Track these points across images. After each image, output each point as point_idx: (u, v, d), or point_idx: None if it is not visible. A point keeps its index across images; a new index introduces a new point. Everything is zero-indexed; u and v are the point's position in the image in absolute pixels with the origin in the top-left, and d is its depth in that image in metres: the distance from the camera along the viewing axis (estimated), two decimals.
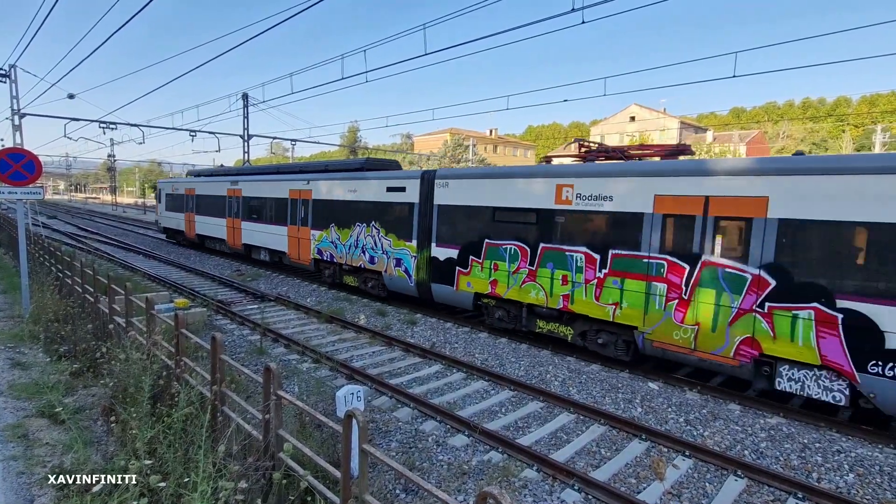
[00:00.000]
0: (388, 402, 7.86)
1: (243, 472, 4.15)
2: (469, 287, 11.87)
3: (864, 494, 5.65)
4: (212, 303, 13.41)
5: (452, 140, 67.43)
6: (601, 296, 9.52)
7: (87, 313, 10.36)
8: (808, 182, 7.26)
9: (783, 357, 7.53)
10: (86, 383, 7.78)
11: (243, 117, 32.94)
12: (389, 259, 13.96)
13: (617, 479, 5.91)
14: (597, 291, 9.58)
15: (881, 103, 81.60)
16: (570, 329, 10.35)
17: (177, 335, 6.21)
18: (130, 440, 4.88)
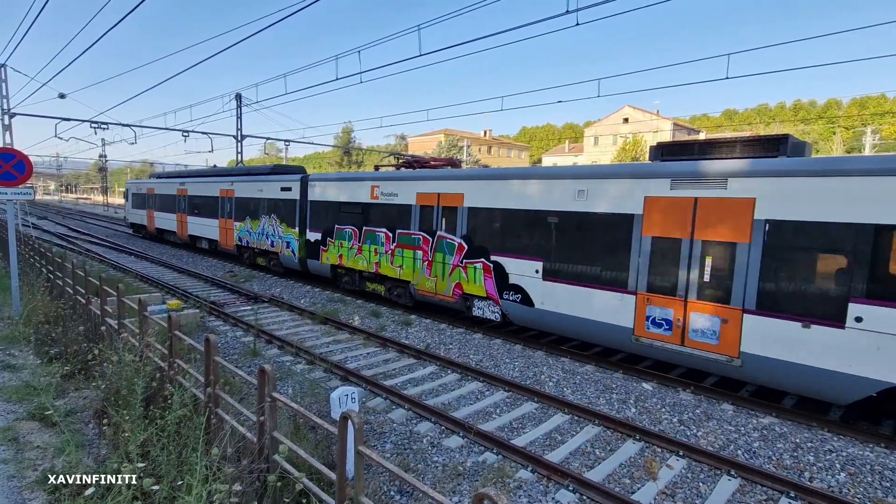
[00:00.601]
0: (382, 403, 7.84)
1: (238, 474, 4.13)
2: (327, 260, 16.07)
3: (856, 493, 5.70)
4: (205, 304, 13.33)
5: (447, 141, 67.52)
6: (393, 261, 13.75)
7: (79, 315, 10.27)
8: (481, 184, 11.77)
9: (473, 294, 11.87)
10: (77, 386, 7.71)
11: (236, 118, 32.79)
12: (283, 242, 18.08)
13: (611, 479, 5.92)
14: (391, 259, 13.79)
15: (871, 105, 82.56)
16: (382, 286, 14.54)
17: (170, 337, 6.17)
18: (123, 443, 4.84)
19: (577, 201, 9.86)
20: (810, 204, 7.27)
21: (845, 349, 6.99)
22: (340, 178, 16.37)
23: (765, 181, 7.73)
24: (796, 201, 7.38)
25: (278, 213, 18.19)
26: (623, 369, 9.51)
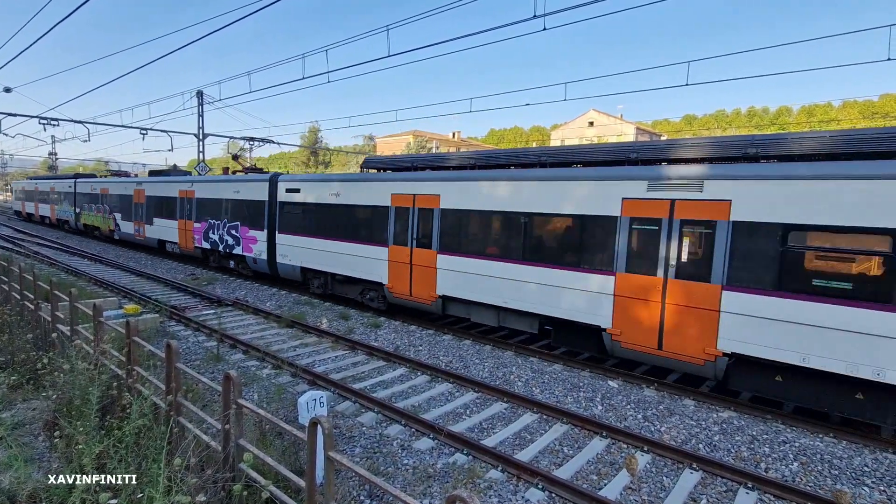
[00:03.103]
0: (351, 406, 7.75)
1: (202, 484, 3.99)
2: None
3: (808, 482, 6.00)
4: (165, 308, 12.85)
5: (415, 142, 67.43)
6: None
7: (27, 322, 9.72)
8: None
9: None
10: (25, 396, 7.29)
11: (198, 115, 31.82)
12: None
13: (579, 476, 6.03)
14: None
15: (818, 113, 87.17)
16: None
17: (128, 343, 5.92)
18: (77, 455, 4.60)
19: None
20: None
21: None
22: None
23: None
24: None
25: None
26: (590, 368, 9.71)
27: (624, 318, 8.84)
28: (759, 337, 7.49)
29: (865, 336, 6.67)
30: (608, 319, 9.02)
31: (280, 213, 16.04)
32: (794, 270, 7.19)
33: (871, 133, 7.43)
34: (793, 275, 7.19)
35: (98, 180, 29.69)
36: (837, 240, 6.90)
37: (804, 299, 7.10)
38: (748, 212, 7.54)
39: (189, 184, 20.65)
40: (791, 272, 7.21)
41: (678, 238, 8.23)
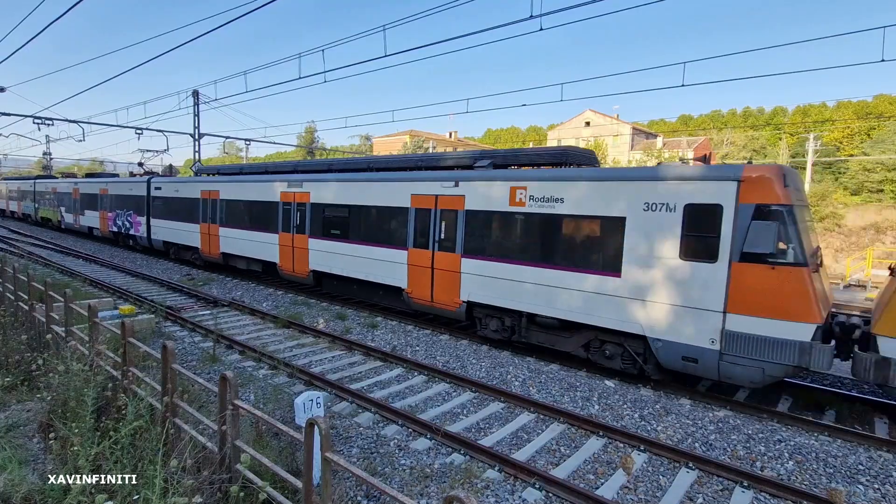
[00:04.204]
0: (348, 407, 7.74)
1: (198, 486, 3.99)
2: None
3: (803, 480, 6.03)
4: (161, 309, 12.79)
5: (412, 142, 67.40)
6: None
7: (21, 323, 9.68)
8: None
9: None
10: (20, 398, 7.25)
11: (194, 115, 31.70)
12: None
13: (577, 475, 6.05)
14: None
15: (813, 114, 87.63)
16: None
17: (124, 344, 5.90)
18: (72, 457, 4.58)
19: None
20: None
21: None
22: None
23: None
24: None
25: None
26: (587, 368, 9.73)
27: (413, 281, 12.01)
28: (481, 289, 10.76)
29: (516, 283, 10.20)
30: (405, 282, 12.17)
31: (151, 204, 22.32)
32: (490, 241, 10.63)
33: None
34: (491, 244, 10.63)
35: (51, 181, 36.25)
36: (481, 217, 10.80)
37: (502, 262, 10.38)
38: (475, 203, 10.83)
39: (105, 183, 26.81)
40: (489, 242, 10.66)
41: (440, 221, 11.43)
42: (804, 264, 7.28)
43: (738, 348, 7.62)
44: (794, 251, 7.36)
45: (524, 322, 10.27)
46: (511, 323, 10.52)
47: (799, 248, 7.36)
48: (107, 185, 26.30)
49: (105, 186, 26.41)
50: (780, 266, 7.35)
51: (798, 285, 7.25)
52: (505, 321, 10.58)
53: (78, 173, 43.39)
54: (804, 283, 7.21)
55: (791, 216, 7.45)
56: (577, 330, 9.65)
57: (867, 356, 7.22)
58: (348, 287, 14.14)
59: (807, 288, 7.21)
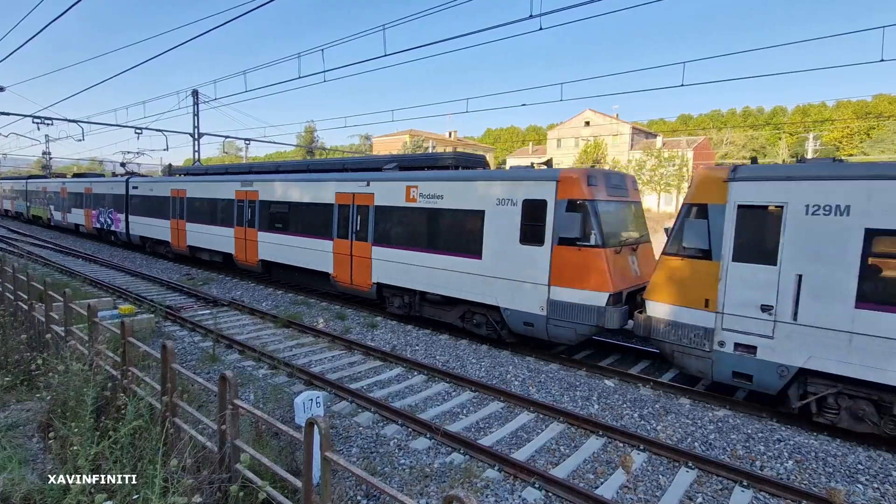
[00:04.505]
0: (348, 407, 7.74)
1: (198, 485, 3.98)
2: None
3: (803, 479, 6.04)
4: (160, 309, 12.78)
5: (412, 142, 67.38)
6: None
7: (21, 322, 9.67)
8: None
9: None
10: (20, 397, 7.25)
11: (193, 115, 31.68)
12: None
13: (576, 475, 6.05)
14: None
15: (812, 113, 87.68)
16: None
17: (123, 343, 5.90)
18: (72, 457, 4.58)
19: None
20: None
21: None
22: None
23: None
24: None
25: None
26: (587, 367, 9.73)
27: (337, 266, 13.87)
28: (387, 272, 12.51)
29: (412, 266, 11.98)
30: (331, 268, 14.03)
31: (129, 202, 24.24)
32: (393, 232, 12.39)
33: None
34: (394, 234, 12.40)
35: (42, 180, 38.16)
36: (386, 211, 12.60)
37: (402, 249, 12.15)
38: (382, 199, 12.65)
39: (89, 183, 28.78)
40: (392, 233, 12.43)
41: (356, 216, 13.29)
42: (602, 246, 9.18)
43: (559, 313, 9.52)
44: (595, 236, 9.21)
45: (417, 299, 12.23)
46: (409, 300, 12.42)
47: (599, 233, 9.22)
48: (91, 185, 28.34)
49: (89, 186, 28.43)
50: (585, 247, 9.26)
51: (596, 262, 9.16)
52: (405, 299, 12.50)
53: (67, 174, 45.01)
54: (601, 261, 9.13)
55: (594, 209, 9.33)
56: (455, 304, 11.53)
57: (639, 315, 8.74)
58: (291, 274, 15.99)
59: (603, 265, 9.11)
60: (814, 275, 6.95)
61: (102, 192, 26.73)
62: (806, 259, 7.01)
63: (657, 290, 8.47)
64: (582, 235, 9.27)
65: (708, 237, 7.81)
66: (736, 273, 7.56)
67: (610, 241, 9.44)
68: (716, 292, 7.73)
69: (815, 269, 6.95)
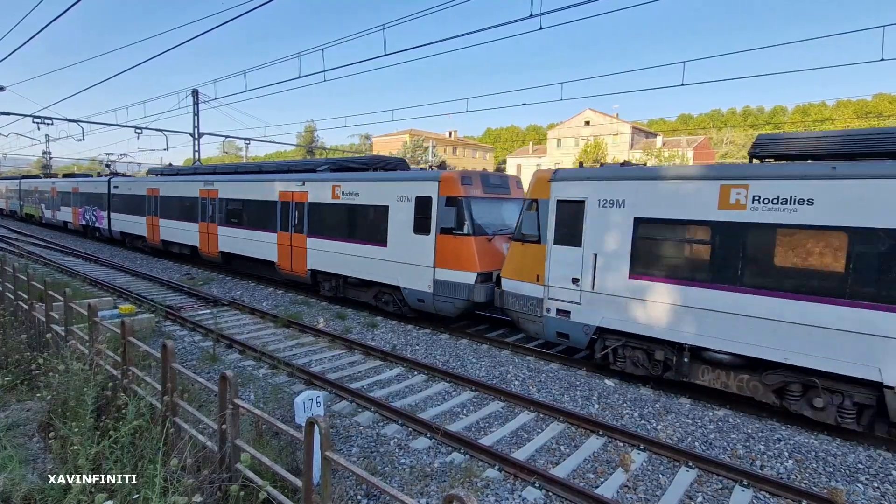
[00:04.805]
0: (348, 406, 7.74)
1: (198, 485, 3.99)
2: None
3: (803, 479, 6.04)
4: (160, 308, 12.79)
5: (412, 141, 67.35)
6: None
7: (21, 322, 9.67)
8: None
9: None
10: (20, 397, 7.25)
11: (193, 114, 31.69)
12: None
13: (576, 474, 6.05)
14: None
15: (812, 113, 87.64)
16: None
17: (124, 343, 5.90)
18: (72, 456, 4.58)
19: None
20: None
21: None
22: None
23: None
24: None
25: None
26: (587, 367, 9.73)
27: (280, 256, 15.67)
28: (319, 260, 14.40)
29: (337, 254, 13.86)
30: (276, 256, 15.86)
31: (111, 200, 25.84)
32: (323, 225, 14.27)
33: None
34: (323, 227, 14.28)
35: (34, 180, 40.10)
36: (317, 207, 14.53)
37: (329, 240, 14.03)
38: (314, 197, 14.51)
39: (77, 183, 30.55)
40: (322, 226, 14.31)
41: (294, 211, 15.06)
42: (473, 234, 11.02)
43: (441, 290, 11.36)
44: (467, 226, 11.05)
45: (342, 283, 14.13)
46: (336, 283, 14.27)
47: (470, 224, 11.08)
48: (77, 185, 30.22)
49: (76, 186, 30.33)
50: (459, 236, 11.07)
51: (467, 248, 10.98)
52: (333, 283, 14.37)
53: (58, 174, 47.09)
54: (471, 247, 10.96)
55: (467, 204, 11.18)
56: (370, 286, 13.44)
57: (497, 290, 10.55)
58: (245, 264, 17.94)
59: (472, 250, 10.93)
60: (604, 253, 8.79)
61: (87, 192, 28.53)
62: (599, 241, 8.84)
63: (507, 270, 10.31)
64: (457, 226, 11.13)
65: (538, 226, 9.65)
66: (556, 254, 9.43)
67: (480, 231, 11.22)
68: (543, 269, 9.60)
69: (604, 249, 8.78)
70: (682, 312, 7.95)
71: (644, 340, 8.52)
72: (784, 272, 7.10)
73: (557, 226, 9.34)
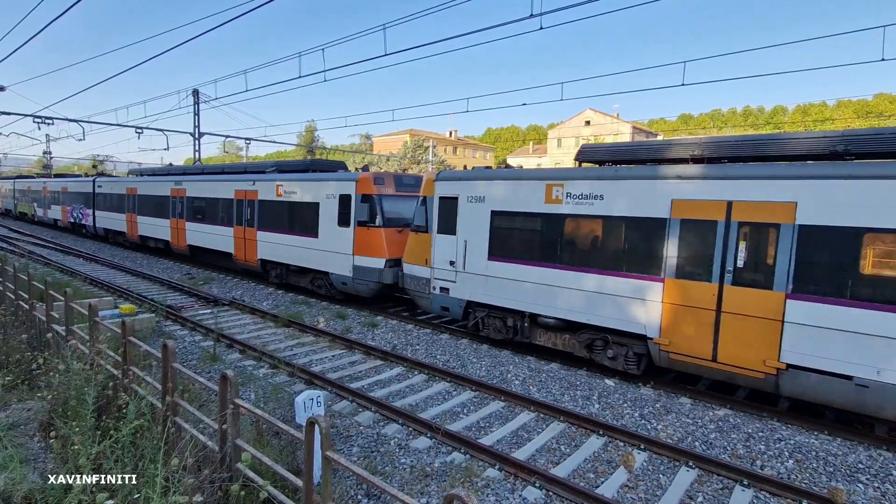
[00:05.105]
0: (349, 406, 7.74)
1: (199, 485, 3.99)
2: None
3: (803, 479, 6.03)
4: (161, 308, 12.80)
5: (412, 141, 67.31)
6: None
7: (22, 322, 9.68)
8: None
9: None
10: (21, 397, 7.25)
11: (194, 114, 31.68)
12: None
13: (577, 474, 6.05)
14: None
15: (813, 113, 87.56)
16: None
17: (124, 343, 5.90)
18: (73, 456, 4.58)
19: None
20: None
21: None
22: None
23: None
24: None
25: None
26: (587, 366, 9.73)
27: (237, 247, 17.64)
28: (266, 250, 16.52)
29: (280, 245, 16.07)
30: (233, 248, 17.76)
31: (95, 199, 27.78)
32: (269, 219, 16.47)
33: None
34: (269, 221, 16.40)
35: (27, 180, 42.39)
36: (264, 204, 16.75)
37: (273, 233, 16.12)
38: (262, 195, 16.48)
39: (66, 182, 32.55)
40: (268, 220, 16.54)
41: (247, 208, 17.02)
42: (382, 226, 12.99)
43: (359, 274, 13.38)
44: (378, 219, 13.04)
45: (285, 270, 15.99)
46: (281, 271, 16.17)
47: (381, 217, 13.05)
48: (66, 185, 32.30)
49: (65, 185, 32.42)
50: (371, 228, 13.10)
51: (378, 238, 12.99)
52: (278, 270, 16.25)
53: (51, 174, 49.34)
54: (380, 237, 12.96)
55: (378, 200, 13.14)
56: (306, 273, 15.33)
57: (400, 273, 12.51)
58: (207, 256, 19.85)
59: (381, 239, 12.93)
60: (471, 240, 10.69)
61: (75, 191, 30.58)
62: (468, 230, 10.72)
63: (406, 256, 12.22)
64: (370, 219, 13.12)
65: (426, 218, 11.52)
66: (438, 241, 11.34)
67: (390, 223, 13.11)
68: (430, 255, 11.51)
69: (471, 236, 10.67)
70: (523, 287, 9.97)
71: (500, 311, 10.50)
72: (585, 251, 9.18)
73: (439, 218, 11.28)
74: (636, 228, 8.43)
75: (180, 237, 20.74)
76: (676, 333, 8.10)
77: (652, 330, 8.35)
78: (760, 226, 7.42)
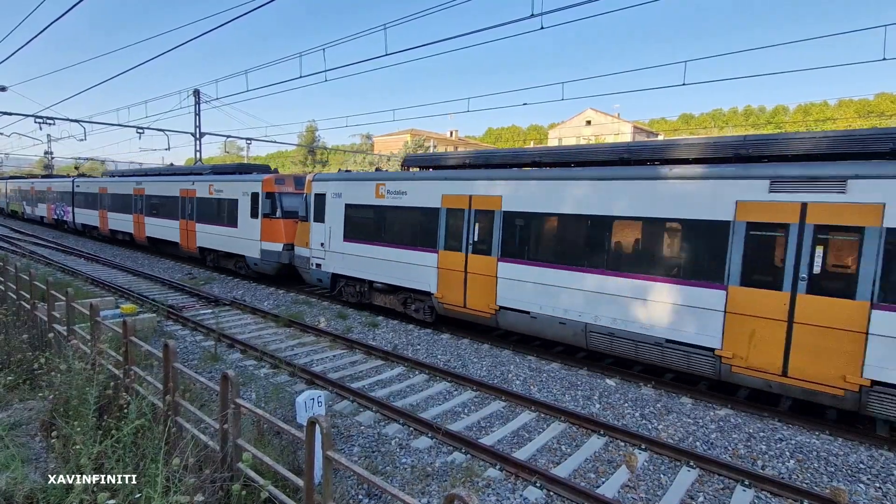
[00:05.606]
0: (349, 406, 7.75)
1: (200, 484, 3.99)
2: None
3: (804, 479, 6.03)
4: (162, 308, 12.81)
5: (413, 141, 67.32)
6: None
7: (23, 322, 9.68)
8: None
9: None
10: (22, 396, 7.25)
11: (195, 114, 31.71)
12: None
13: (577, 474, 6.05)
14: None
15: (814, 112, 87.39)
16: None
17: (125, 343, 5.91)
18: (74, 456, 4.58)
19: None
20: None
21: None
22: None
23: None
24: None
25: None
26: (588, 366, 9.73)
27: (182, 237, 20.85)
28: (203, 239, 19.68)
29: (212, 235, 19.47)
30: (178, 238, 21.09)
31: (75, 198, 30.79)
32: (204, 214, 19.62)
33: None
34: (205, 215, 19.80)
35: (18, 181, 45.65)
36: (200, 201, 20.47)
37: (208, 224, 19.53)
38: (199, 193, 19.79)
39: (51, 182, 35.54)
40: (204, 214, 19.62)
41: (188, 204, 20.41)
42: (281, 218, 16.40)
43: (265, 256, 16.68)
44: (278, 212, 16.49)
45: (217, 256, 19.33)
46: (214, 256, 19.47)
47: (280, 210, 16.51)
48: (51, 184, 35.33)
49: (50, 185, 35.43)
50: (273, 219, 16.51)
51: (277, 227, 16.41)
52: (212, 256, 19.60)
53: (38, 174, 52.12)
54: (279, 227, 16.35)
55: (278, 197, 16.59)
56: (231, 257, 18.65)
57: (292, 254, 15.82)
58: (160, 245, 23.07)
59: (280, 228, 16.33)
60: (334, 227, 13.90)
61: (58, 190, 33.78)
62: (332, 219, 13.94)
63: (296, 240, 15.44)
64: (272, 212, 16.55)
65: (307, 210, 14.72)
66: (314, 228, 14.52)
67: (287, 215, 16.39)
68: (309, 238, 14.74)
69: (334, 224, 13.89)
70: (364, 261, 13.13)
71: (353, 280, 13.71)
72: (396, 232, 12.40)
73: (314, 210, 14.47)
74: (427, 215, 11.66)
75: (141, 230, 23.93)
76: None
77: (432, 287, 11.68)
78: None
